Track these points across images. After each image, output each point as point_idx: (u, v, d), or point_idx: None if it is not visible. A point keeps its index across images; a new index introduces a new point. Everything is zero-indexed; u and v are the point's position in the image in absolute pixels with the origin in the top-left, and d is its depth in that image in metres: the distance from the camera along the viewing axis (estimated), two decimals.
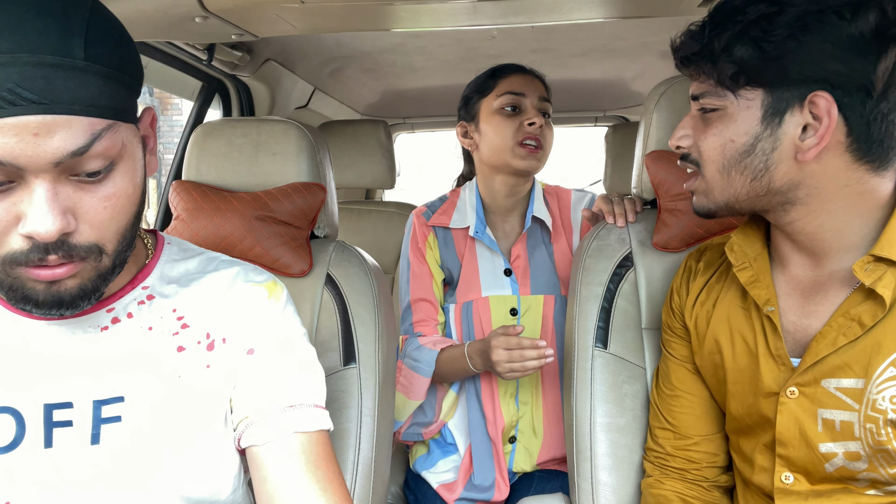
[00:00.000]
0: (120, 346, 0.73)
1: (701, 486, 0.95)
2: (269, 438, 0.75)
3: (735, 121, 0.76)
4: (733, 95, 0.76)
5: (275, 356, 0.79)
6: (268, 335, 0.79)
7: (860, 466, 0.76)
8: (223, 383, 0.76)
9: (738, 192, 0.79)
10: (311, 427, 0.77)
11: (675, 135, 0.84)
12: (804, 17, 0.70)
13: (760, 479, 0.85)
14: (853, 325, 0.75)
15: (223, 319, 0.78)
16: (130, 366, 0.72)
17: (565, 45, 1.94)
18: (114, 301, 0.74)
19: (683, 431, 0.96)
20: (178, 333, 0.76)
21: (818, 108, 0.72)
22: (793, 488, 0.81)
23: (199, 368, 0.75)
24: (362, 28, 1.44)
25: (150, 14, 1.16)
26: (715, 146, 0.79)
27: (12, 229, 0.60)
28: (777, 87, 0.73)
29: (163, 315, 0.76)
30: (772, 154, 0.75)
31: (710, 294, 0.92)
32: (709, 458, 0.95)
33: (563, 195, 1.47)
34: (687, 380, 0.96)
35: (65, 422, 0.69)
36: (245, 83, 1.96)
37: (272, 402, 0.77)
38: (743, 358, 0.86)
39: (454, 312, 1.42)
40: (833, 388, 0.77)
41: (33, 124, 0.55)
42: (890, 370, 0.73)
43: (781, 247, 0.84)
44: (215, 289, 0.79)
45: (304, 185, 1.13)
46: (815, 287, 0.81)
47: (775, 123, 0.74)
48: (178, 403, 0.73)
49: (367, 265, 1.14)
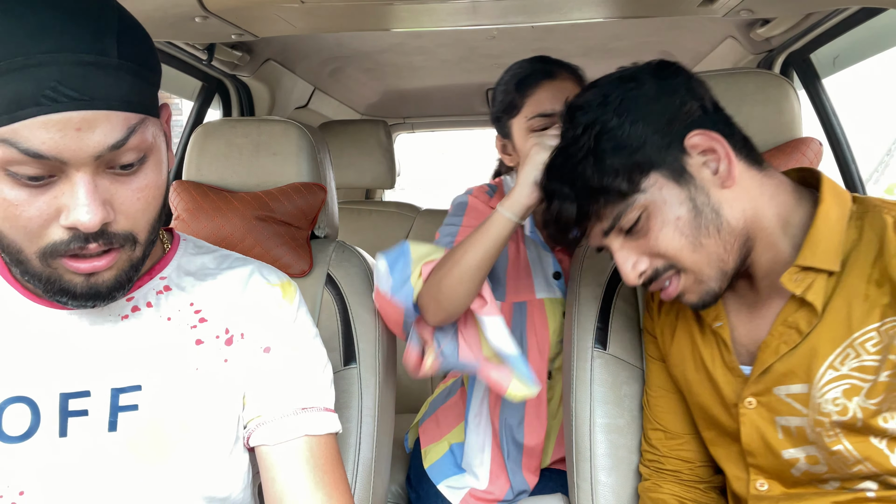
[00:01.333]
0: (139, 335, 0.74)
1: (697, 489, 0.95)
2: (279, 440, 0.77)
3: (664, 204, 0.76)
4: (641, 193, 0.76)
5: (290, 357, 0.81)
6: (283, 335, 0.81)
7: (822, 469, 0.78)
8: (240, 379, 0.78)
9: (719, 253, 0.77)
10: (321, 430, 0.79)
11: (625, 274, 0.80)
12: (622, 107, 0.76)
13: (737, 487, 0.87)
14: (791, 332, 0.77)
15: (241, 316, 0.79)
16: (149, 355, 0.74)
17: (565, 45, 1.94)
18: (133, 290, 0.75)
19: (672, 430, 0.97)
20: (195, 327, 0.77)
21: (697, 145, 0.76)
22: (768, 494, 0.83)
23: (217, 362, 0.77)
24: (362, 28, 1.44)
25: (150, 14, 1.16)
26: (671, 236, 0.77)
27: (53, 222, 0.62)
28: (661, 160, 0.76)
29: (181, 308, 0.77)
30: (710, 200, 0.76)
31: (672, 306, 0.95)
32: (700, 457, 0.96)
33: None
34: (667, 379, 0.98)
35: (80, 411, 0.70)
36: (245, 83, 1.96)
37: (285, 403, 0.78)
38: (703, 372, 0.88)
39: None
40: (784, 394, 0.78)
41: (76, 120, 0.58)
42: (829, 373, 0.74)
43: None
44: (231, 286, 0.81)
45: (304, 185, 1.13)
46: (758, 300, 0.83)
47: (688, 178, 0.76)
48: (194, 395, 0.74)
49: (367, 265, 1.15)
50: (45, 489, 0.68)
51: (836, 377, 0.74)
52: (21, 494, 0.67)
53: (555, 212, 0.82)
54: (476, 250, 1.02)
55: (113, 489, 0.70)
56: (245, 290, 0.81)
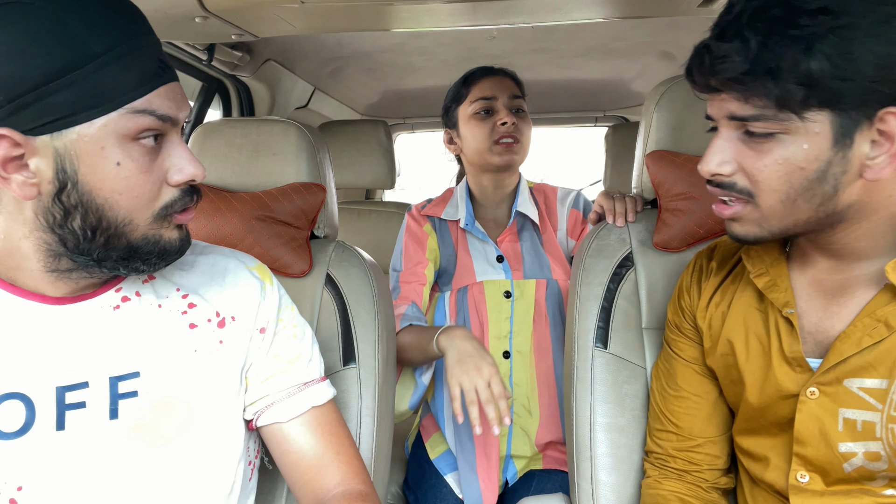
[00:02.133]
0: (133, 322, 0.76)
1: (700, 488, 0.95)
2: (291, 415, 0.85)
3: (802, 146, 0.68)
4: (798, 119, 0.67)
5: (285, 336, 0.87)
6: (273, 315, 0.87)
7: (880, 466, 0.76)
8: (236, 360, 0.82)
9: (800, 218, 0.72)
10: (324, 399, 0.88)
11: (709, 160, 0.74)
12: (874, 29, 0.62)
13: (773, 477, 0.85)
14: (879, 325, 0.74)
15: (228, 300, 0.83)
16: (145, 341, 0.76)
17: (565, 45, 1.94)
18: (120, 282, 0.77)
19: (687, 433, 0.95)
20: (186, 312, 0.80)
21: (888, 125, 0.66)
22: (808, 487, 0.81)
23: (213, 344, 0.80)
24: (362, 28, 1.44)
25: (150, 14, 1.15)
26: (779, 175, 0.70)
27: (163, 183, 0.70)
28: (850, 108, 0.65)
29: (168, 294, 0.80)
30: (843, 177, 0.69)
31: (724, 295, 0.91)
32: (710, 461, 0.95)
33: (550, 191, 1.55)
34: (694, 381, 0.96)
35: (78, 403, 0.71)
36: (245, 83, 1.96)
37: (290, 381, 0.86)
38: (757, 359, 0.85)
39: (449, 299, 1.46)
40: (856, 387, 0.76)
41: (178, 87, 0.70)
42: None
43: (807, 250, 0.82)
44: (212, 272, 0.85)
45: (304, 185, 1.13)
46: (839, 288, 0.79)
47: (846, 145, 0.67)
48: (193, 377, 0.77)
49: (366, 265, 1.14)
50: (44, 483, 0.69)
51: None
52: (19, 490, 0.68)
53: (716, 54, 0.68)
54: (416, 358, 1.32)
55: (114, 477, 0.71)
56: (227, 274, 0.85)
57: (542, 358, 1.40)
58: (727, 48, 0.67)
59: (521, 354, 1.41)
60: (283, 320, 0.88)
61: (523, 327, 1.41)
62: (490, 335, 1.41)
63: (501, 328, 1.41)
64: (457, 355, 1.18)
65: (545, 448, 1.40)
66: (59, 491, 0.69)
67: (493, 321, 1.42)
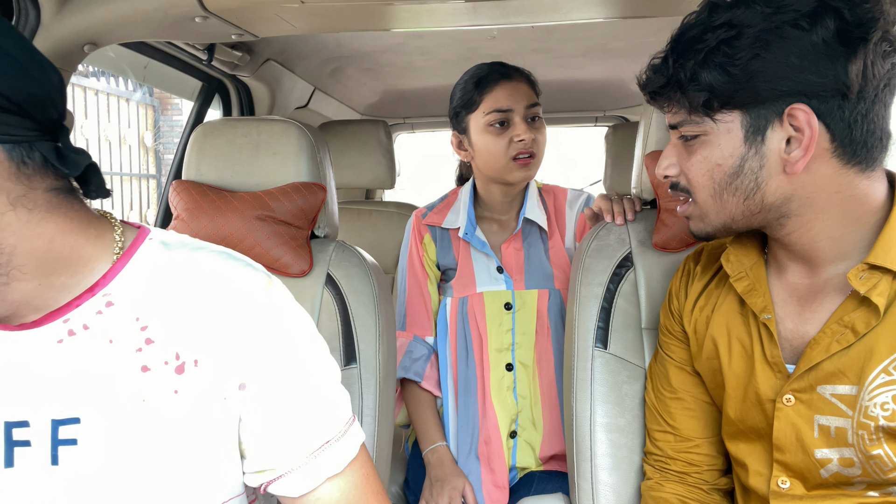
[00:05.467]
0: (76, 360, 0.65)
1: (701, 490, 0.95)
2: (304, 490, 0.71)
3: (718, 145, 0.77)
4: (711, 120, 0.76)
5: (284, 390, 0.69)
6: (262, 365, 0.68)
7: (854, 472, 0.77)
8: (200, 417, 0.66)
9: (734, 212, 0.80)
10: (346, 461, 0.73)
11: (660, 164, 0.85)
12: (762, 35, 0.71)
13: (756, 484, 0.85)
14: (846, 331, 0.75)
15: (195, 336, 0.67)
16: (87, 384, 0.65)
17: (565, 45, 1.94)
18: (69, 311, 0.66)
19: (684, 434, 0.96)
20: (141, 350, 0.66)
21: (797, 121, 0.72)
22: (789, 492, 0.82)
23: (166, 393, 0.66)
24: (362, 28, 1.44)
25: (150, 14, 1.16)
26: (703, 172, 0.79)
27: None
28: (752, 107, 0.73)
29: (126, 325, 0.67)
30: (760, 171, 0.76)
31: (708, 299, 0.92)
32: (709, 461, 0.95)
33: (560, 193, 1.50)
34: (688, 382, 0.96)
35: (23, 441, 0.64)
36: (245, 83, 1.96)
37: (302, 450, 0.70)
38: (739, 364, 0.86)
39: (450, 306, 1.44)
40: (829, 394, 0.77)
41: None
42: (882, 377, 0.73)
43: (778, 255, 0.84)
44: (189, 288, 0.68)
45: (304, 184, 1.13)
46: (811, 294, 0.81)
47: (759, 141, 0.74)
48: (142, 432, 0.65)
49: (367, 265, 1.14)
50: None
51: (888, 381, 0.72)
52: None
53: (647, 74, 0.82)
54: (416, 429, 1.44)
55: None
56: (203, 305, 0.68)
57: (544, 369, 1.38)
58: (653, 68, 0.81)
59: (524, 366, 1.39)
60: (279, 369, 0.69)
61: (525, 339, 1.39)
62: (490, 348, 1.39)
63: (503, 340, 1.39)
64: (430, 480, 1.37)
65: (548, 460, 1.40)
66: None
67: (493, 334, 1.39)
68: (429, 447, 1.40)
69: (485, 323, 1.40)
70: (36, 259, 0.62)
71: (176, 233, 0.75)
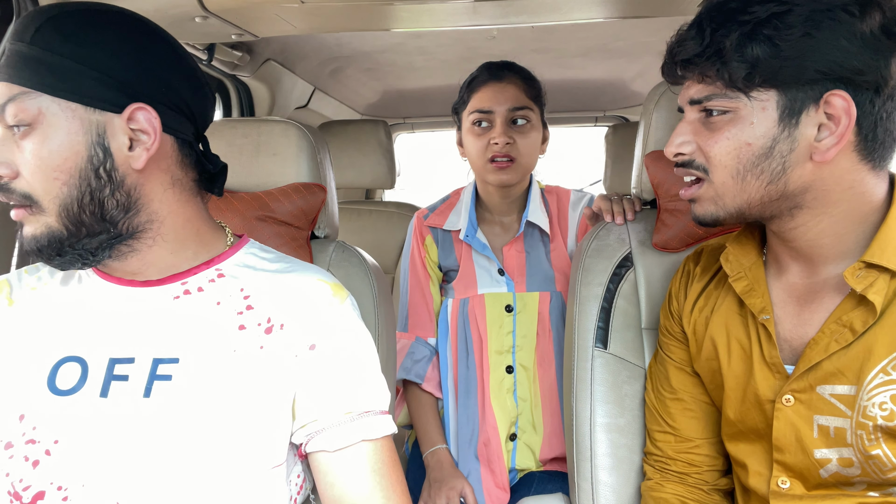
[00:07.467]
0: (187, 314, 0.80)
1: (701, 490, 0.95)
2: (338, 446, 0.79)
3: (750, 123, 0.74)
4: (745, 97, 0.73)
5: (342, 358, 0.82)
6: (330, 333, 0.82)
7: (854, 472, 0.76)
8: (277, 370, 0.79)
9: (752, 197, 0.77)
10: (379, 434, 0.82)
11: (672, 141, 0.81)
12: (814, 15, 0.69)
13: (755, 484, 0.85)
14: (845, 331, 0.75)
15: (283, 308, 0.82)
16: (191, 332, 0.79)
17: (565, 45, 1.94)
18: (189, 276, 0.82)
19: (685, 434, 0.96)
20: (242, 313, 0.81)
21: (834, 108, 0.70)
22: (788, 492, 0.82)
23: (253, 348, 0.79)
24: (362, 28, 1.44)
25: (150, 14, 1.15)
26: (728, 151, 0.76)
27: None
28: (791, 87, 0.71)
29: (231, 293, 0.82)
30: (790, 156, 0.73)
31: (708, 300, 0.92)
32: (709, 462, 0.95)
33: (563, 195, 1.49)
34: (688, 383, 0.96)
35: (122, 376, 0.76)
36: (245, 83, 1.96)
37: (342, 407, 0.80)
38: (739, 364, 0.86)
39: (452, 307, 1.44)
40: (828, 394, 0.77)
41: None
42: (880, 377, 0.73)
43: (779, 254, 0.84)
44: (285, 281, 0.84)
45: (304, 185, 1.13)
46: (809, 294, 0.81)
47: (792, 124, 0.72)
48: (229, 376, 0.77)
49: (367, 265, 1.14)
50: (78, 442, 0.73)
51: (887, 381, 0.72)
52: (56, 443, 0.73)
53: (677, 41, 0.78)
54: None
55: (138, 453, 0.73)
56: (296, 286, 0.84)
57: (545, 372, 1.38)
58: (686, 35, 0.77)
59: (524, 369, 1.39)
60: (344, 341, 0.83)
61: (526, 342, 1.39)
62: (491, 350, 1.39)
63: (504, 343, 1.39)
64: (429, 482, 1.37)
65: (548, 463, 1.40)
66: (89, 452, 0.73)
67: (493, 336, 1.39)
68: (429, 450, 1.41)
69: (485, 325, 1.39)
70: (176, 230, 0.80)
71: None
